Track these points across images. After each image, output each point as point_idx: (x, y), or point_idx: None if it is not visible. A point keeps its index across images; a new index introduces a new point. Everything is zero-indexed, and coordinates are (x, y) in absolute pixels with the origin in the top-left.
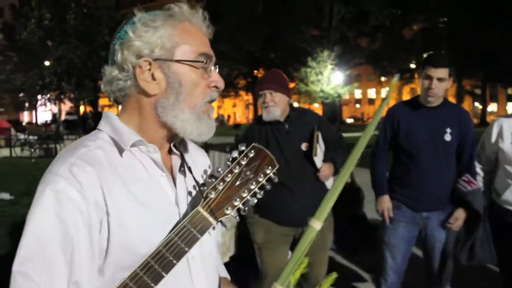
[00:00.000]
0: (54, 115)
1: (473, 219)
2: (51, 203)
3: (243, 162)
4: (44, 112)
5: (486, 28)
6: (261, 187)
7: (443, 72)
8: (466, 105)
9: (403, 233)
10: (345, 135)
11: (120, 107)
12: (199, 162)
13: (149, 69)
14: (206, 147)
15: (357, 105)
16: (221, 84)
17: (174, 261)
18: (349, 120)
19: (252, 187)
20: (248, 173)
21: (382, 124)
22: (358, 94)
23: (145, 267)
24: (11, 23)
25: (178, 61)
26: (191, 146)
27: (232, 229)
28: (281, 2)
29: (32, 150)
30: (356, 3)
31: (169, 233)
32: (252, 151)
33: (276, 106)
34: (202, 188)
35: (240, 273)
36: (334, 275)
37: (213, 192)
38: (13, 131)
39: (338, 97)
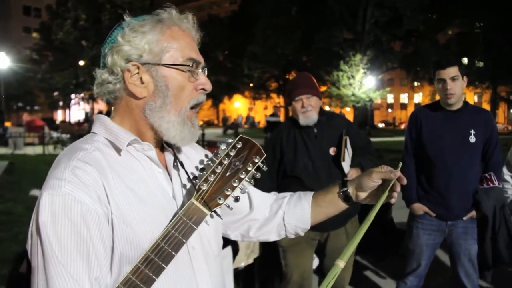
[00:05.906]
0: (86, 114)
1: (483, 221)
2: (59, 208)
3: (232, 154)
4: (78, 111)
5: None
6: (251, 176)
7: (453, 71)
8: (501, 111)
9: (428, 241)
10: (376, 139)
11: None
12: (192, 156)
13: (138, 73)
14: None
15: (389, 110)
16: (208, 86)
17: (173, 253)
18: (381, 125)
19: (242, 176)
20: (237, 163)
21: (407, 128)
22: (390, 98)
23: (146, 260)
24: (48, 23)
25: (165, 65)
26: None
27: None
28: (315, 5)
29: (64, 148)
30: (390, 7)
31: (166, 226)
32: (240, 142)
33: (313, 110)
34: (194, 181)
35: (264, 275)
36: None
37: (205, 184)
38: (46, 129)
39: (370, 101)
